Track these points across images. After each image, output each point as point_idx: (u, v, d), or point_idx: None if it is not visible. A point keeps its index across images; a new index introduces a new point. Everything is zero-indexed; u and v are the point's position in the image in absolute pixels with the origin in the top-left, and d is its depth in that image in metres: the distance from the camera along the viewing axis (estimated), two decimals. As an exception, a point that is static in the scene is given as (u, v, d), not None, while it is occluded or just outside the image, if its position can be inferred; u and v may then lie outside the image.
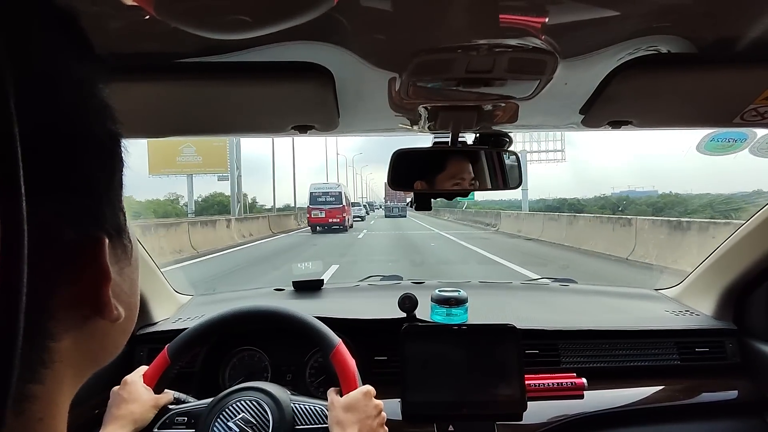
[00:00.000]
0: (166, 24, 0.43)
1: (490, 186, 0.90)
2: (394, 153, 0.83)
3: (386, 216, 33.99)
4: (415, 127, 0.87)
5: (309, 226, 17.04)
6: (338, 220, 16.56)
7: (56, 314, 0.22)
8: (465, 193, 0.90)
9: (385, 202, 38.28)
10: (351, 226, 18.45)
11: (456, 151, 0.87)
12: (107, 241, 0.23)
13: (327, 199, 16.80)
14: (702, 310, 1.19)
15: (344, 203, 17.10)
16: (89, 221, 0.23)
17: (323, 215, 16.54)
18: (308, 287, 1.39)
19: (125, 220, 0.27)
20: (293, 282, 1.39)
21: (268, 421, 0.74)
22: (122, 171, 0.26)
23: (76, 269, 0.22)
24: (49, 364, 0.21)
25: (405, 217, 30.89)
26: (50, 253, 0.21)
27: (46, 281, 0.21)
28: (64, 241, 0.21)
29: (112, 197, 0.25)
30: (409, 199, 0.94)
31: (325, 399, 0.77)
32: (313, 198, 16.94)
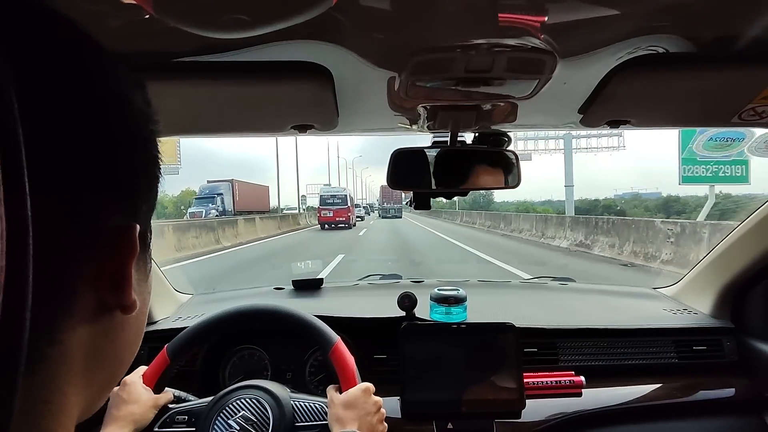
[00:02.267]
0: (164, 23, 0.43)
1: (489, 185, 0.90)
2: (393, 152, 0.84)
3: (382, 217, 33.92)
4: (414, 127, 0.87)
5: (319, 224, 20.42)
6: (344, 219, 19.86)
7: (78, 290, 0.23)
8: (464, 193, 0.91)
9: (382, 203, 38.27)
10: (354, 225, 21.80)
11: (455, 151, 0.87)
12: (138, 227, 0.25)
13: (335, 201, 20.15)
14: (700, 309, 1.20)
15: (349, 204, 20.44)
16: (129, 211, 0.26)
17: (331, 214, 19.87)
18: (308, 286, 1.39)
19: (151, 237, 0.29)
20: (293, 281, 1.40)
21: (269, 419, 0.74)
22: (157, 188, 0.29)
23: (108, 248, 0.24)
24: (60, 340, 0.22)
25: (400, 218, 30.95)
26: (86, 233, 0.23)
27: (73, 257, 0.22)
28: (106, 224, 0.24)
29: (149, 203, 0.28)
30: (408, 199, 0.94)
31: (325, 397, 0.77)
32: (323, 200, 20.49)
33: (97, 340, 0.25)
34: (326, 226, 19.68)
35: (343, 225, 19.61)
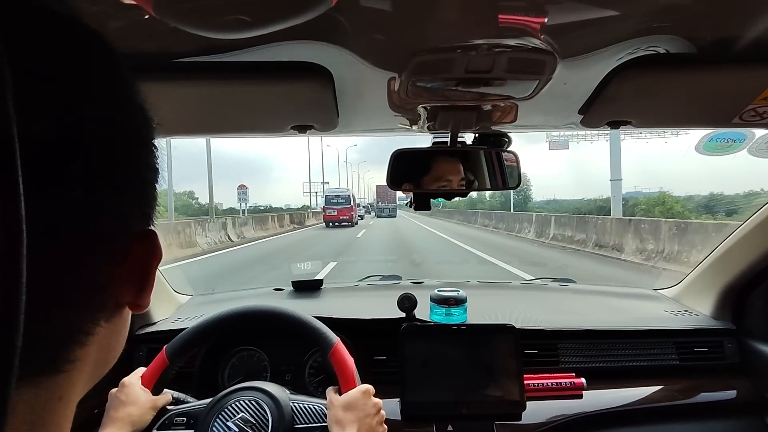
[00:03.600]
0: (165, 23, 0.43)
1: (489, 186, 0.90)
2: (393, 153, 0.84)
3: (377, 216, 34.38)
4: (415, 127, 0.87)
5: (324, 222, 21.99)
6: (347, 217, 21.70)
7: (108, 293, 0.23)
8: (464, 194, 0.91)
9: (377, 203, 38.92)
10: (357, 223, 23.30)
11: (455, 151, 0.87)
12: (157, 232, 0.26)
13: (338, 201, 21.89)
14: (701, 310, 1.19)
15: (352, 204, 22.25)
16: (147, 213, 0.26)
17: (335, 213, 21.61)
18: (307, 287, 1.39)
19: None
20: (292, 282, 1.39)
21: (268, 421, 0.74)
22: (157, 182, 0.29)
23: (133, 251, 0.24)
24: (89, 342, 0.23)
25: (395, 216, 31.76)
26: (113, 238, 0.23)
27: (105, 262, 0.23)
28: (130, 227, 0.24)
29: (154, 204, 0.28)
30: (408, 200, 0.94)
31: (325, 398, 0.77)
32: (328, 200, 22.26)
33: (109, 336, 0.25)
34: (331, 224, 21.42)
35: (346, 223, 21.45)
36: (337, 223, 21.45)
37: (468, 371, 0.94)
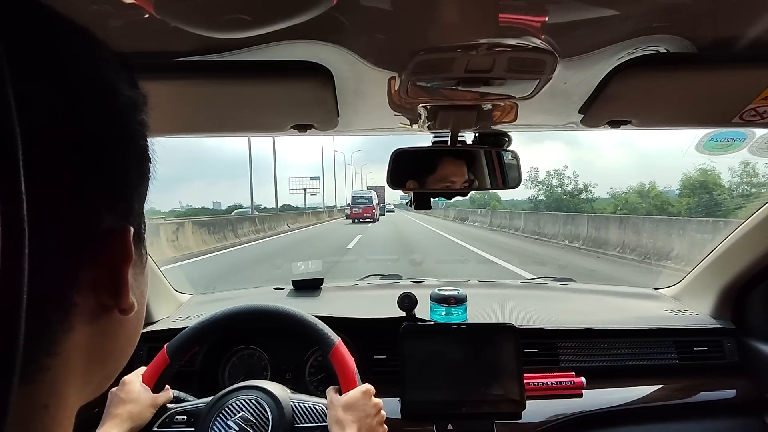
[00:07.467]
0: (165, 23, 0.43)
1: (489, 185, 0.90)
2: (393, 152, 0.84)
3: None
4: (415, 127, 0.87)
5: (350, 218, 27.25)
6: (370, 215, 26.83)
7: (75, 300, 0.22)
8: (464, 193, 0.91)
9: None
10: (378, 219, 28.20)
11: (455, 151, 0.87)
12: (132, 230, 0.25)
13: (363, 201, 27.26)
14: (701, 310, 1.19)
15: (374, 203, 27.68)
16: (122, 210, 0.25)
17: (360, 211, 26.77)
18: (308, 286, 1.39)
19: (145, 230, 0.29)
20: (293, 281, 1.40)
21: (268, 420, 0.74)
22: (149, 180, 0.28)
23: (102, 252, 0.23)
24: (59, 351, 0.22)
25: (384, 215, 34.57)
26: (79, 238, 0.22)
27: (67, 265, 0.22)
28: (99, 226, 0.23)
29: (141, 198, 0.27)
30: (408, 198, 0.94)
31: (325, 398, 0.77)
32: (354, 200, 27.87)
33: (96, 339, 0.24)
34: (356, 220, 26.30)
35: (369, 220, 26.11)
36: (361, 220, 26.24)
37: (468, 370, 0.94)
